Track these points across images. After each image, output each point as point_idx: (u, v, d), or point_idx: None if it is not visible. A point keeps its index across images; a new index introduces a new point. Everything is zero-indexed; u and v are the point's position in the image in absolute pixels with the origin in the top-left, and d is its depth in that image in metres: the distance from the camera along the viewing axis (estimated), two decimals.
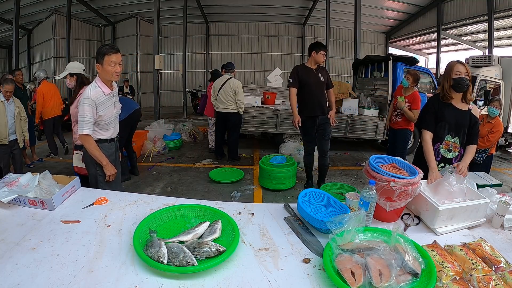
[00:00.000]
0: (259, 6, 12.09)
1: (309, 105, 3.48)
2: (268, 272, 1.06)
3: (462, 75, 1.92)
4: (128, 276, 1.02)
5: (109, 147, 2.21)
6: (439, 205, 1.32)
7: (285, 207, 1.54)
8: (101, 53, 1.99)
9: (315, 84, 3.43)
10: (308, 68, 3.47)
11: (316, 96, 3.45)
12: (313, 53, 3.40)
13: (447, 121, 2.03)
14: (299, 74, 3.42)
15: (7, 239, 1.21)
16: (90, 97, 1.98)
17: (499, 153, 6.73)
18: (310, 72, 3.45)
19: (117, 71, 2.03)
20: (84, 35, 12.74)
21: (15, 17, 8.10)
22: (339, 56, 14.31)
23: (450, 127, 2.04)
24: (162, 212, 1.34)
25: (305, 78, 3.41)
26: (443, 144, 2.08)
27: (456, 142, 2.06)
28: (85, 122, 1.99)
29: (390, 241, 1.09)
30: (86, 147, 2.08)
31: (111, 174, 2.14)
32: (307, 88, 3.43)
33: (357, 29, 8.37)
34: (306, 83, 3.41)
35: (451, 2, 10.90)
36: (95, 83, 2.07)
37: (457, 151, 2.06)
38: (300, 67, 3.52)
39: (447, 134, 2.05)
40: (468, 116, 2.02)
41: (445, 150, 2.08)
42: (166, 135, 6.22)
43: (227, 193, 3.88)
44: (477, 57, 6.82)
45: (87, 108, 1.98)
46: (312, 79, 3.42)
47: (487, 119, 3.72)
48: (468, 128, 2.02)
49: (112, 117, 2.19)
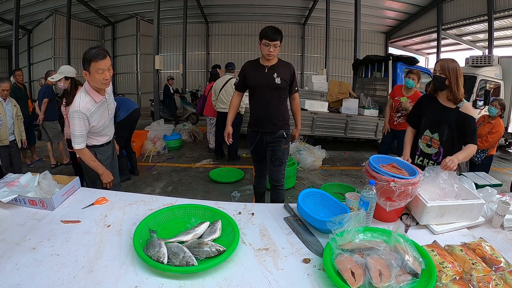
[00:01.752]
0: (259, 6, 12.09)
1: (254, 114, 2.55)
2: (268, 272, 1.06)
3: (436, 72, 1.95)
4: (128, 276, 1.02)
5: (106, 150, 2.17)
6: (427, 201, 1.33)
7: (285, 207, 1.54)
8: (88, 59, 1.79)
9: (264, 87, 2.42)
10: (259, 65, 2.45)
11: (263, 104, 2.46)
12: (259, 43, 2.38)
13: (426, 116, 2.06)
14: (247, 72, 2.49)
15: (7, 239, 1.21)
16: (80, 110, 1.86)
17: (499, 153, 6.73)
18: (259, 70, 2.43)
19: (106, 78, 1.84)
20: (84, 35, 12.75)
21: (15, 17, 8.10)
22: (339, 56, 14.32)
23: (429, 122, 2.05)
24: (162, 212, 1.34)
25: (252, 78, 2.46)
26: (422, 138, 2.09)
27: (436, 138, 2.03)
28: (76, 137, 1.92)
29: (390, 241, 1.09)
30: (82, 159, 2.04)
31: (108, 182, 2.09)
32: (255, 91, 2.49)
33: (357, 29, 8.36)
34: (254, 85, 2.47)
35: (451, 2, 10.90)
36: (84, 92, 1.92)
37: (436, 148, 2.04)
38: (250, 63, 2.54)
39: (426, 129, 2.07)
40: (454, 114, 1.95)
41: (424, 145, 2.09)
42: (166, 135, 6.22)
43: (227, 193, 3.88)
44: (477, 57, 6.82)
45: (77, 123, 1.88)
46: (260, 80, 2.42)
47: (488, 119, 3.71)
48: (458, 126, 1.94)
49: (107, 121, 2.10)
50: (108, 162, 2.18)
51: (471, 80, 6.37)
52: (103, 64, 1.80)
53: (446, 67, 1.89)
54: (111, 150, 2.27)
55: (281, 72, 2.43)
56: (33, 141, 5.15)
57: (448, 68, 1.89)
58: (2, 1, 9.99)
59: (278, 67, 2.44)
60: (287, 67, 2.49)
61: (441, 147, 2.02)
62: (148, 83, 13.35)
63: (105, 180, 2.06)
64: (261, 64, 2.44)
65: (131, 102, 4.30)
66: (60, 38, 11.58)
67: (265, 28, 2.31)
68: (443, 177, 1.53)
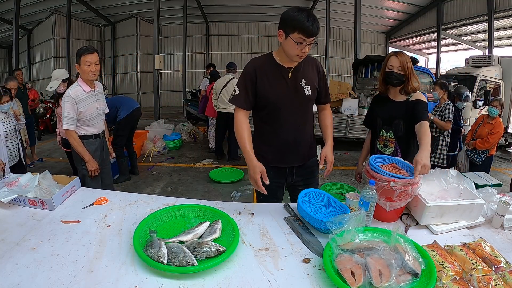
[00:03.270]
0: (259, 6, 12.08)
1: (271, 144, 1.65)
2: (268, 272, 1.06)
3: (394, 69, 1.83)
4: (128, 276, 1.02)
5: (93, 143, 2.38)
6: (427, 201, 1.33)
7: (285, 207, 1.54)
8: (79, 54, 2.18)
9: (289, 103, 1.57)
10: (277, 66, 1.54)
11: (288, 129, 1.61)
12: (280, 34, 1.45)
13: (379, 116, 2.00)
14: (259, 78, 1.53)
15: (7, 239, 1.21)
16: (70, 95, 2.18)
17: (499, 153, 6.73)
18: (278, 75, 1.54)
19: (92, 70, 2.19)
20: (84, 35, 12.74)
21: (15, 17, 8.09)
22: (339, 56, 14.30)
23: (383, 121, 1.98)
24: (162, 212, 1.34)
25: (270, 89, 1.53)
26: (379, 139, 2.02)
27: (391, 137, 1.96)
28: (65, 118, 2.19)
29: (390, 241, 1.09)
30: (70, 142, 2.26)
31: (93, 169, 2.29)
32: (274, 110, 1.57)
33: (357, 29, 8.37)
34: (274, 100, 1.55)
35: (451, 2, 10.89)
36: (76, 83, 2.26)
37: (392, 146, 1.97)
38: (261, 62, 1.57)
39: (381, 128, 1.99)
40: (404, 105, 1.88)
41: (381, 146, 2.02)
42: (166, 135, 6.22)
43: (227, 193, 3.88)
44: (477, 57, 6.83)
45: (67, 105, 2.18)
46: (282, 92, 1.55)
47: (487, 119, 3.69)
48: (409, 115, 1.84)
49: (94, 113, 2.34)
50: (96, 155, 2.37)
51: (471, 80, 6.38)
52: (90, 58, 2.17)
53: (405, 63, 1.81)
54: (99, 145, 2.44)
55: (308, 76, 1.58)
56: (33, 141, 5.15)
57: (406, 63, 1.81)
58: (2, 1, 9.98)
59: (304, 68, 1.57)
60: (314, 65, 1.63)
61: (397, 145, 1.95)
62: (148, 83, 13.32)
63: (90, 167, 2.29)
64: (280, 65, 1.53)
65: (132, 101, 4.30)
66: (60, 38, 11.56)
67: (299, 15, 1.35)
68: (450, 176, 1.52)
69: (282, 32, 1.43)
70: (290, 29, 1.39)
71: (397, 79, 1.84)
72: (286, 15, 1.42)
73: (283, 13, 1.44)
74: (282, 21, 1.43)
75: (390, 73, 1.85)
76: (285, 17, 1.42)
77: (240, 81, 1.59)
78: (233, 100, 1.58)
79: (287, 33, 1.41)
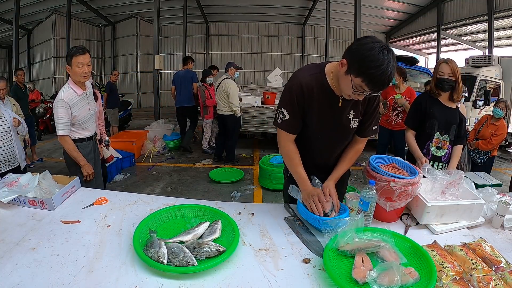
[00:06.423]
0: (259, 6, 12.08)
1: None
2: (268, 272, 1.06)
3: (445, 75, 1.98)
4: (128, 276, 1.02)
5: (87, 145, 2.32)
6: (427, 201, 1.33)
7: (285, 207, 1.54)
8: (69, 55, 2.06)
9: (331, 130, 1.41)
10: (328, 91, 1.31)
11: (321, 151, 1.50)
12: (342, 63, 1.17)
13: (436, 119, 2.07)
14: (308, 100, 1.32)
15: (7, 239, 1.21)
16: (63, 99, 2.07)
17: (499, 153, 6.72)
18: (329, 101, 1.33)
19: (84, 71, 2.08)
20: (84, 35, 12.73)
21: (15, 17, 8.09)
22: (339, 56, 14.11)
23: (440, 125, 2.07)
24: (162, 212, 1.34)
25: (317, 113, 1.36)
26: (433, 141, 2.09)
27: (445, 140, 2.08)
28: (60, 124, 2.08)
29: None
30: (65, 148, 2.18)
31: (88, 174, 2.24)
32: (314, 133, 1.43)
33: (357, 29, 8.37)
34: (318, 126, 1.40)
35: (451, 2, 10.89)
36: (67, 85, 2.14)
37: (446, 149, 2.08)
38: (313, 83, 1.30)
39: (436, 131, 2.07)
40: (458, 114, 2.07)
41: (434, 148, 2.09)
42: (166, 135, 6.22)
43: (227, 193, 3.88)
44: (477, 57, 6.82)
45: (61, 110, 2.07)
46: (329, 119, 1.37)
47: (491, 120, 3.63)
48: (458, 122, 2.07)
49: (87, 116, 2.26)
50: (90, 157, 2.31)
51: (471, 80, 6.38)
52: (82, 59, 2.05)
53: (455, 69, 1.95)
54: (92, 147, 2.39)
55: (358, 107, 1.38)
56: (33, 141, 5.15)
57: (456, 69, 1.96)
58: (2, 1, 9.98)
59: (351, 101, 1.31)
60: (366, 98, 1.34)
61: (450, 147, 2.09)
62: (148, 83, 13.33)
63: (85, 172, 2.22)
64: (331, 90, 1.30)
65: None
66: (60, 38, 11.56)
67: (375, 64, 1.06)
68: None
69: (345, 63, 1.15)
70: (355, 71, 1.11)
71: (448, 84, 2.00)
72: (359, 53, 1.09)
73: (358, 44, 1.12)
74: (352, 55, 1.13)
75: (442, 79, 2.00)
76: (356, 53, 1.11)
77: (286, 100, 1.34)
78: (283, 125, 1.37)
79: (349, 71, 1.13)
